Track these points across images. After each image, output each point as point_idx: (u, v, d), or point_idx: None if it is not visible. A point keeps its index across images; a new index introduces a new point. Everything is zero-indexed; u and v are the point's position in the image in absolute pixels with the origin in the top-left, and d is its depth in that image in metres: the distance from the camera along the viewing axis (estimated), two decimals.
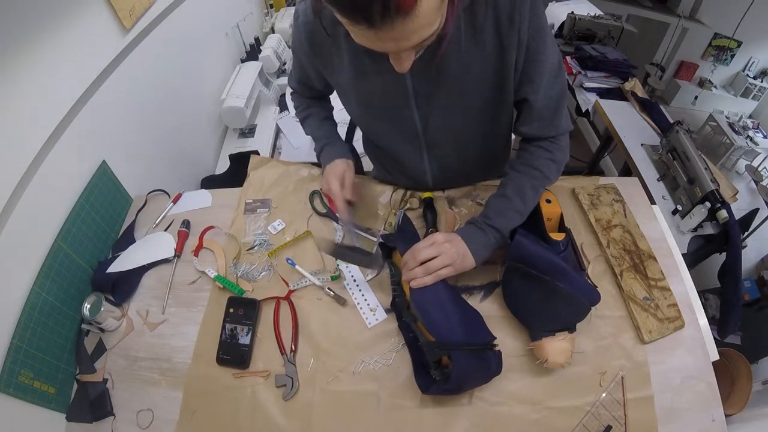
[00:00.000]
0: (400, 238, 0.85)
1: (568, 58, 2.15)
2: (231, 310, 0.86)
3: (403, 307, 0.80)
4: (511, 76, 0.73)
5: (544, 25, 0.69)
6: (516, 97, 0.78)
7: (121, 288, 0.93)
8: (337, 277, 0.90)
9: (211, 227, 1.02)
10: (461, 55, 0.70)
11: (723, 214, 1.33)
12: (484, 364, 0.71)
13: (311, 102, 0.99)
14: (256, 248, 0.96)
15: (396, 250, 0.86)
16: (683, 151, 1.50)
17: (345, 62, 0.75)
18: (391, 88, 0.76)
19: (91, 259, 0.96)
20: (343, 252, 0.85)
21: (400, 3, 0.46)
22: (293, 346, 0.82)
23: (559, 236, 0.81)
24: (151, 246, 0.99)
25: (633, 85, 2.00)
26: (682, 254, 0.94)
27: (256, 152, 1.56)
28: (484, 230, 0.79)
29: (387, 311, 0.85)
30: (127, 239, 1.02)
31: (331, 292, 0.87)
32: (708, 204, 1.34)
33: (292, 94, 1.03)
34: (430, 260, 0.74)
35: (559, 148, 0.83)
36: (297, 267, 0.91)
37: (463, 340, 0.70)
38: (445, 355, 0.69)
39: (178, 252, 0.97)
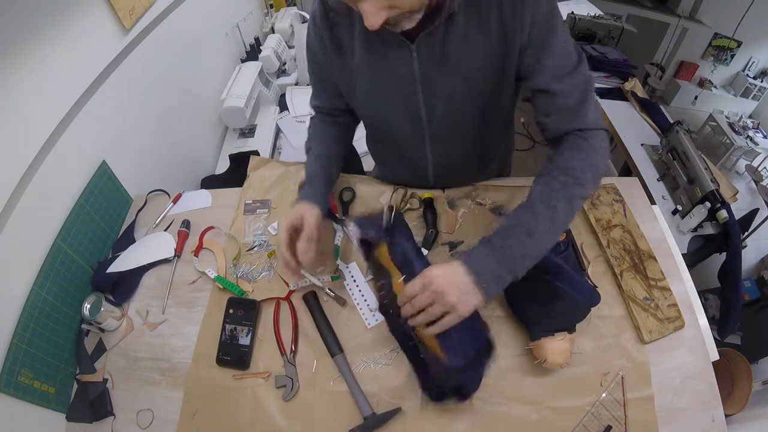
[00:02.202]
0: (394, 241, 0.78)
1: None
2: (231, 311, 0.86)
3: (395, 314, 0.73)
4: (513, 63, 0.74)
5: (551, 14, 0.69)
6: (532, 86, 0.75)
7: (121, 288, 0.93)
8: (337, 278, 0.90)
9: (211, 227, 1.01)
10: (467, 42, 0.71)
11: (723, 214, 1.33)
12: (482, 363, 0.71)
13: (323, 130, 0.94)
14: (255, 249, 0.96)
15: (379, 248, 0.78)
16: (683, 151, 1.50)
17: (357, 46, 0.76)
18: (399, 73, 0.76)
19: (91, 259, 0.96)
20: None
21: None
22: (293, 347, 0.82)
23: (559, 236, 0.81)
24: (151, 246, 0.99)
25: (633, 85, 2.00)
26: (682, 254, 0.94)
27: (256, 152, 1.56)
28: (501, 263, 0.63)
29: None
30: (127, 239, 1.02)
31: (332, 293, 0.87)
32: (708, 204, 1.34)
33: (311, 119, 0.98)
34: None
35: (591, 146, 0.71)
36: None
37: (470, 350, 0.68)
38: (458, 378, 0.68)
39: (178, 252, 0.97)
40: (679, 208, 1.45)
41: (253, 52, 2.03)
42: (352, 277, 0.90)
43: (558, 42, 0.71)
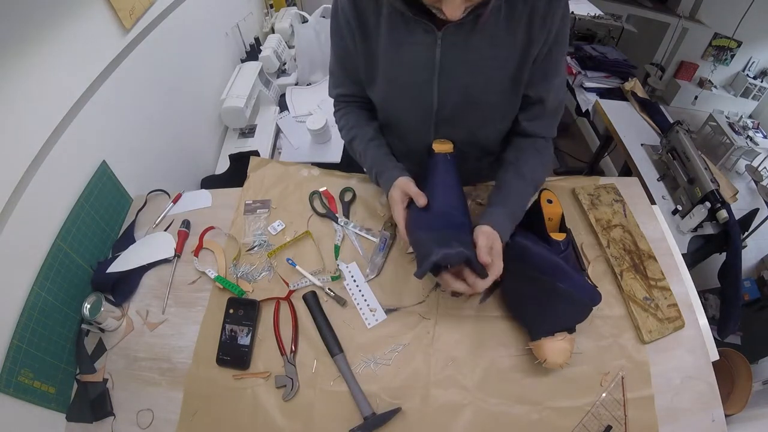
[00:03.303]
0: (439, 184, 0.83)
1: (568, 58, 2.16)
2: (231, 311, 0.86)
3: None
4: (527, 70, 0.78)
5: (567, 31, 0.75)
6: (530, 93, 0.82)
7: (121, 288, 0.93)
8: (337, 278, 0.90)
9: (211, 227, 1.01)
10: (493, 40, 0.74)
11: (723, 214, 1.33)
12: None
13: (357, 116, 0.95)
14: (255, 249, 0.96)
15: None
16: (683, 151, 1.50)
17: (382, 30, 0.78)
18: (420, 60, 0.78)
19: (91, 259, 0.96)
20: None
21: None
22: (293, 347, 0.82)
23: (560, 236, 0.81)
24: (151, 246, 0.99)
25: (633, 85, 2.00)
26: (682, 254, 0.94)
27: (256, 152, 1.56)
28: (511, 219, 0.82)
29: (387, 312, 0.85)
30: (127, 239, 1.02)
31: (332, 293, 0.87)
32: (708, 204, 1.34)
33: (336, 113, 0.98)
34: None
35: (549, 150, 0.90)
36: (297, 267, 0.91)
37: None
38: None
39: (178, 252, 0.97)
40: (679, 208, 1.45)
41: (253, 52, 2.03)
42: (352, 277, 0.90)
43: (563, 59, 0.77)
